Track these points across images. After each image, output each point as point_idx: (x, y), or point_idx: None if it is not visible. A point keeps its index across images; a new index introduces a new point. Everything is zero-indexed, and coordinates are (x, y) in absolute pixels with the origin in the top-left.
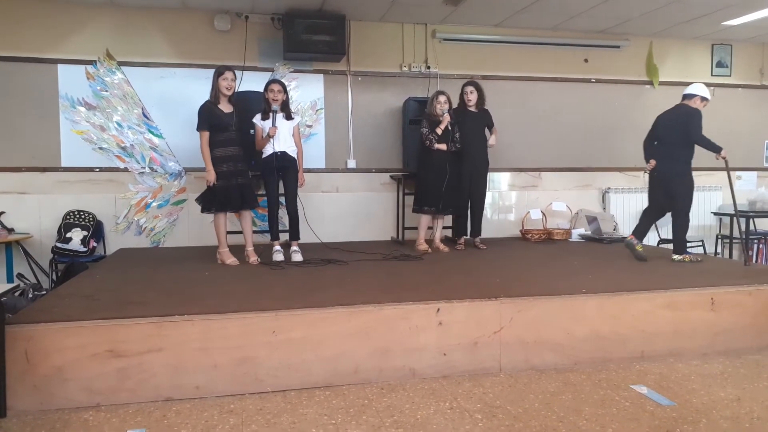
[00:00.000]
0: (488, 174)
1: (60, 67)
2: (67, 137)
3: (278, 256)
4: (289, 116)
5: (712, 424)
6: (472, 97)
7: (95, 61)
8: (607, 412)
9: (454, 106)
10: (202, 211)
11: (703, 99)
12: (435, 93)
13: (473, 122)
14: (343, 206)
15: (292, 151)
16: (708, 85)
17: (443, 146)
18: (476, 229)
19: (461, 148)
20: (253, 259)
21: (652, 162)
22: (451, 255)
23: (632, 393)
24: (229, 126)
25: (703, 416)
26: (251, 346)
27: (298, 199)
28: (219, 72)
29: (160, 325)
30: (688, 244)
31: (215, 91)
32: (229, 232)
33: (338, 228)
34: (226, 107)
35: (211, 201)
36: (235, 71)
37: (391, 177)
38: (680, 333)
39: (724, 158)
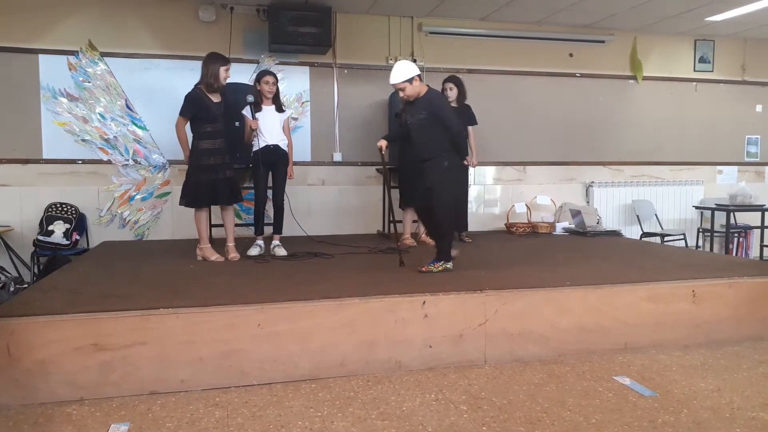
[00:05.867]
0: (474, 168)
1: (41, 57)
2: (49, 129)
3: (254, 251)
4: (279, 108)
5: (693, 414)
6: (452, 94)
7: (77, 52)
8: (590, 402)
9: None
10: (188, 205)
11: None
12: None
13: None
14: (329, 199)
15: (284, 145)
16: (690, 80)
17: None
18: (462, 224)
19: None
20: (233, 255)
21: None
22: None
23: (615, 384)
24: (218, 117)
25: (684, 406)
26: (237, 340)
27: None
28: (221, 62)
29: (144, 318)
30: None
31: (211, 79)
32: (212, 226)
33: (324, 221)
34: (215, 96)
35: (199, 196)
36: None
37: (378, 170)
38: (662, 325)
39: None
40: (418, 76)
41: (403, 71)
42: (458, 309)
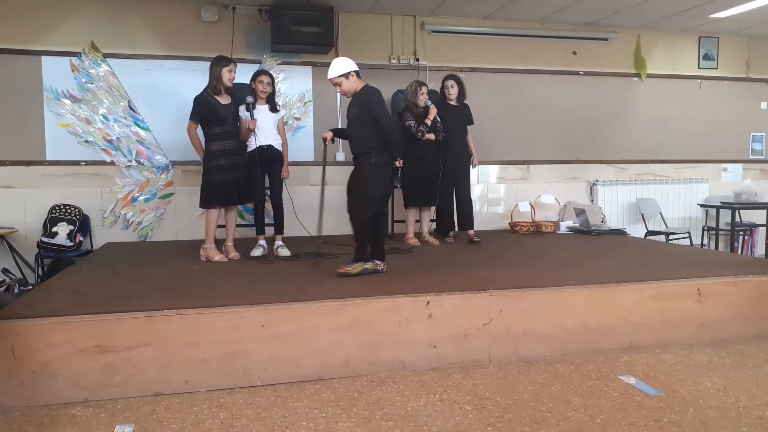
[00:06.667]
0: (477, 167)
1: (44, 59)
2: (52, 130)
3: (257, 252)
4: (274, 108)
5: (699, 413)
6: (453, 91)
7: (80, 53)
8: (595, 402)
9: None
10: (203, 206)
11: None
12: (416, 84)
13: (453, 116)
14: (332, 199)
15: (278, 145)
16: (695, 77)
17: (432, 136)
18: (469, 223)
19: (443, 142)
20: (233, 254)
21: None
22: (441, 248)
23: (620, 383)
24: (227, 119)
25: (690, 406)
26: (241, 340)
27: (286, 192)
28: (223, 63)
29: (148, 319)
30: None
31: (214, 80)
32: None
33: (327, 221)
34: (223, 98)
35: (212, 196)
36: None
37: None
38: (667, 324)
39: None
40: (355, 72)
41: (338, 66)
42: (462, 309)
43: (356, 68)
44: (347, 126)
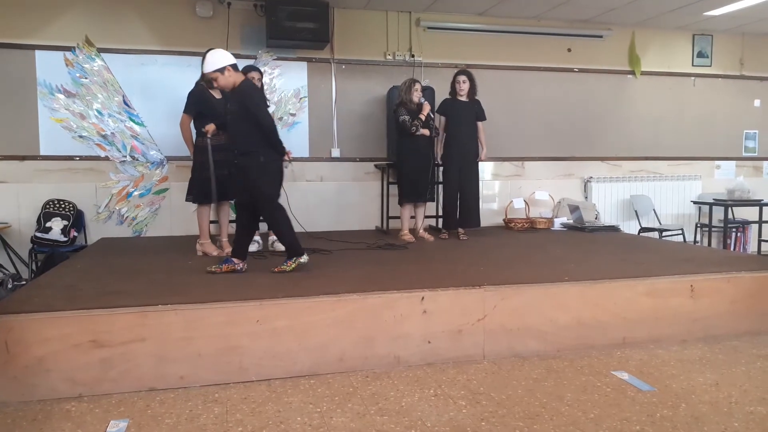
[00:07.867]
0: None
1: (38, 53)
2: (46, 125)
3: (252, 247)
4: None
5: (692, 408)
6: (465, 87)
7: (74, 48)
8: (588, 398)
9: (445, 94)
10: (196, 201)
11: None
12: (410, 81)
13: (463, 111)
14: (328, 195)
15: None
16: (689, 75)
17: (426, 131)
18: (473, 220)
19: (451, 138)
20: (228, 250)
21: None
22: (435, 244)
23: (613, 379)
24: (222, 114)
25: (683, 401)
26: (235, 336)
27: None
28: None
29: (143, 314)
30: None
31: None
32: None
33: (322, 217)
34: (216, 93)
35: (207, 192)
36: None
37: (376, 166)
38: (660, 320)
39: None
40: (232, 66)
41: (213, 61)
42: (457, 304)
43: (233, 61)
44: (229, 122)
